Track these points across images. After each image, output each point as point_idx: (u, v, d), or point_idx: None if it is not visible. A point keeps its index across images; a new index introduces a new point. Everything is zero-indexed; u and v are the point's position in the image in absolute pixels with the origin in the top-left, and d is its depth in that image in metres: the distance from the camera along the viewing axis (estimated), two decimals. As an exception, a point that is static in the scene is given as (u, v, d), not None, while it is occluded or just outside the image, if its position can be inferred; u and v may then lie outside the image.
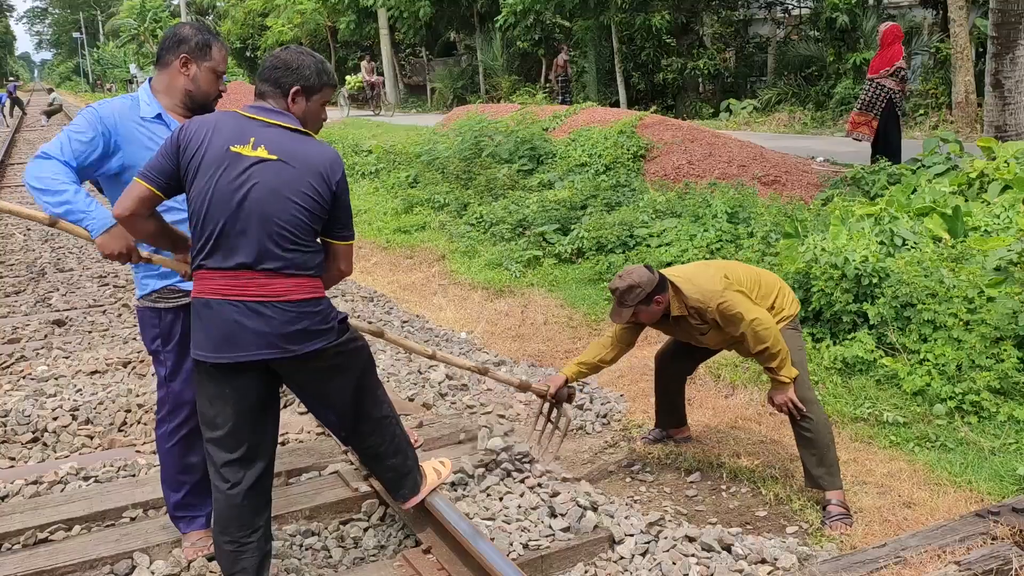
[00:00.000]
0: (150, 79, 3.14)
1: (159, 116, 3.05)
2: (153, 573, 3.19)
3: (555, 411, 4.10)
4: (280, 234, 2.63)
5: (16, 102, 36.72)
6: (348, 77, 27.80)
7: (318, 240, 2.77)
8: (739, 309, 3.62)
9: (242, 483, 2.78)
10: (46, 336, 6.33)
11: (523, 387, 4.11)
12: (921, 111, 15.07)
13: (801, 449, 3.75)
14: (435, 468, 3.42)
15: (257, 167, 2.63)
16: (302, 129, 2.76)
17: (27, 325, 6.55)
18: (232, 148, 2.64)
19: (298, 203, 2.64)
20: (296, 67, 2.73)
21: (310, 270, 2.72)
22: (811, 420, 3.68)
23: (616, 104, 19.60)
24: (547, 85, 22.85)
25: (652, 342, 5.91)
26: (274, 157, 2.64)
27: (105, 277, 8.09)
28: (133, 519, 3.58)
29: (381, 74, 29.37)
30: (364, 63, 27.33)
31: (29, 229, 10.73)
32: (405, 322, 6.57)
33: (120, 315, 6.83)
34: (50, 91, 40.19)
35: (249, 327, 2.65)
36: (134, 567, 3.24)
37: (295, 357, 2.72)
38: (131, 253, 2.91)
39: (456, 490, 3.65)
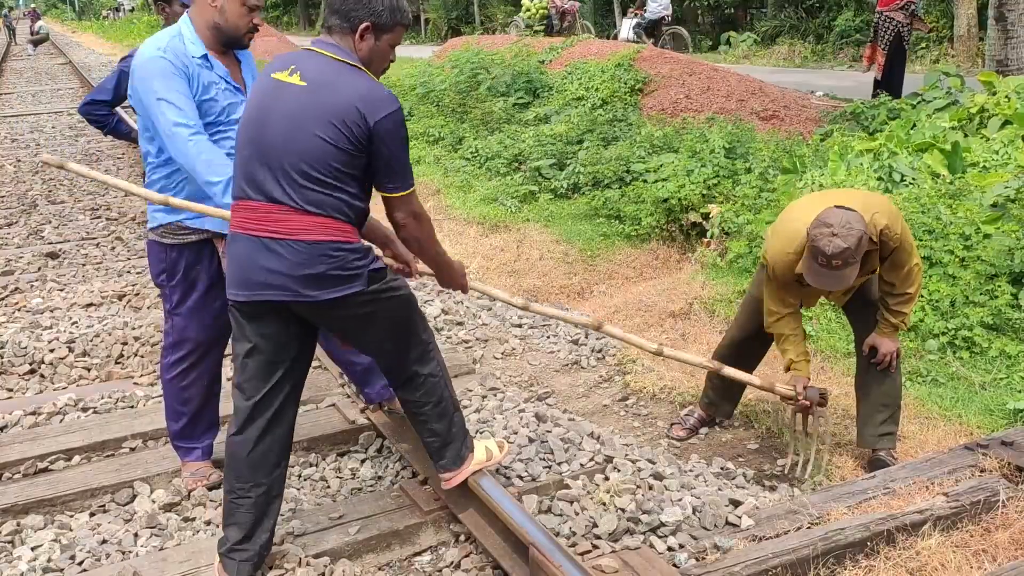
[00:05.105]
0: (187, 10, 3.02)
1: (205, 56, 2.96)
2: (154, 502, 3.24)
3: (809, 419, 3.44)
4: (299, 167, 2.45)
5: (11, 31, 41.47)
6: (525, 2, 20.68)
7: (355, 183, 2.54)
8: (911, 240, 3.21)
9: (247, 433, 2.66)
10: (40, 269, 6.31)
11: (765, 389, 3.45)
12: (923, 45, 14.87)
13: (872, 405, 3.46)
14: (487, 448, 3.09)
15: (285, 93, 2.50)
16: (351, 62, 2.55)
17: (20, 257, 6.52)
18: (274, 75, 2.55)
19: (321, 136, 2.44)
20: (368, 0, 2.54)
21: (339, 213, 2.50)
22: (897, 375, 3.46)
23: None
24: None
25: (647, 277, 5.92)
26: (303, 84, 2.49)
27: (97, 210, 8.03)
28: (133, 449, 3.63)
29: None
30: None
31: (19, 160, 10.60)
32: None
33: (114, 248, 6.80)
34: (36, 18, 39.48)
35: (262, 265, 2.50)
36: (135, 496, 3.29)
37: (314, 303, 2.53)
38: None
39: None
